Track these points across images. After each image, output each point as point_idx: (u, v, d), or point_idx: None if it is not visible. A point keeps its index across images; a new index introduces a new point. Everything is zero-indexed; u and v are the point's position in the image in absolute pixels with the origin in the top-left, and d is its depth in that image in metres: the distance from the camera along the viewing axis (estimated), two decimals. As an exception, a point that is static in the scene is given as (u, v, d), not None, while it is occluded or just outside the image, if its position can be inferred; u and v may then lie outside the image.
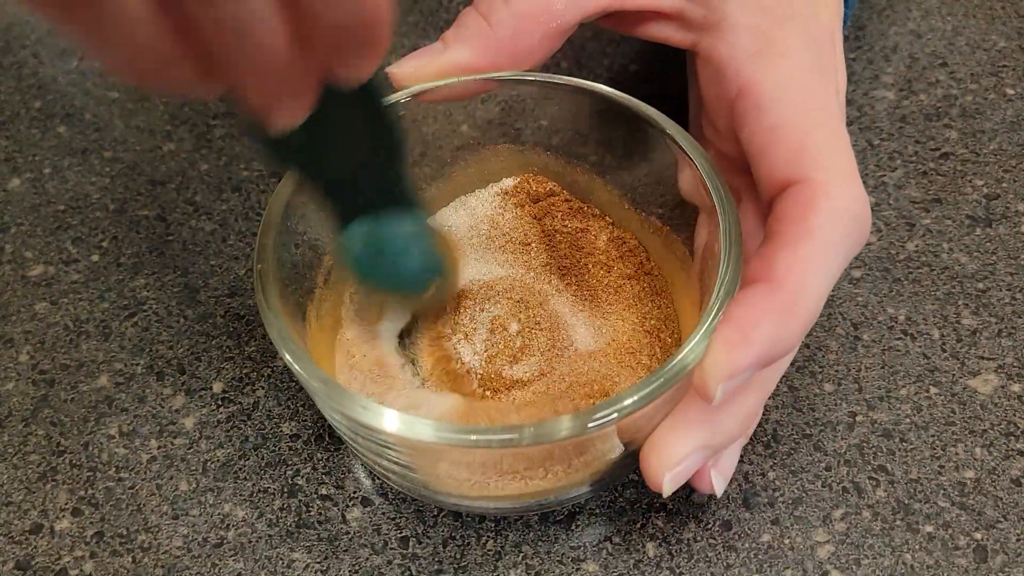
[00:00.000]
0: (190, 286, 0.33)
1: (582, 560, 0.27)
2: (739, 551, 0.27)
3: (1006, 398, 0.29)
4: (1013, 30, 0.40)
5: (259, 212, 0.35)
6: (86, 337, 0.32)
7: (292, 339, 0.23)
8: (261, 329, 0.32)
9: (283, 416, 0.30)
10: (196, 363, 0.31)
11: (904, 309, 0.32)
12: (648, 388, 0.22)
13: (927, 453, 0.28)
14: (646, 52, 0.40)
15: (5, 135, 0.39)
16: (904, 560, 0.26)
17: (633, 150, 0.29)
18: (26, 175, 0.37)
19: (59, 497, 0.29)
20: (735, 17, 0.26)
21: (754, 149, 0.25)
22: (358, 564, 0.27)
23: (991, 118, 0.37)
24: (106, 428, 0.30)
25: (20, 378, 0.31)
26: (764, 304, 0.22)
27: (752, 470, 0.28)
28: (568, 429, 0.21)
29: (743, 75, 0.25)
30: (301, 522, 0.28)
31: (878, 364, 0.30)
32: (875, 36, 0.40)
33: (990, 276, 0.32)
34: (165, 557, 0.27)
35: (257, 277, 0.24)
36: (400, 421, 0.22)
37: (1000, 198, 0.35)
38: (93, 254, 0.35)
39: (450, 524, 0.27)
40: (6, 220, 0.36)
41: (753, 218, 0.26)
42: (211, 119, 0.39)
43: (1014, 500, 0.27)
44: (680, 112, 0.31)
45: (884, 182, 0.35)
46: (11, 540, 0.28)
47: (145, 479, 0.29)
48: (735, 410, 0.24)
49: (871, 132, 0.37)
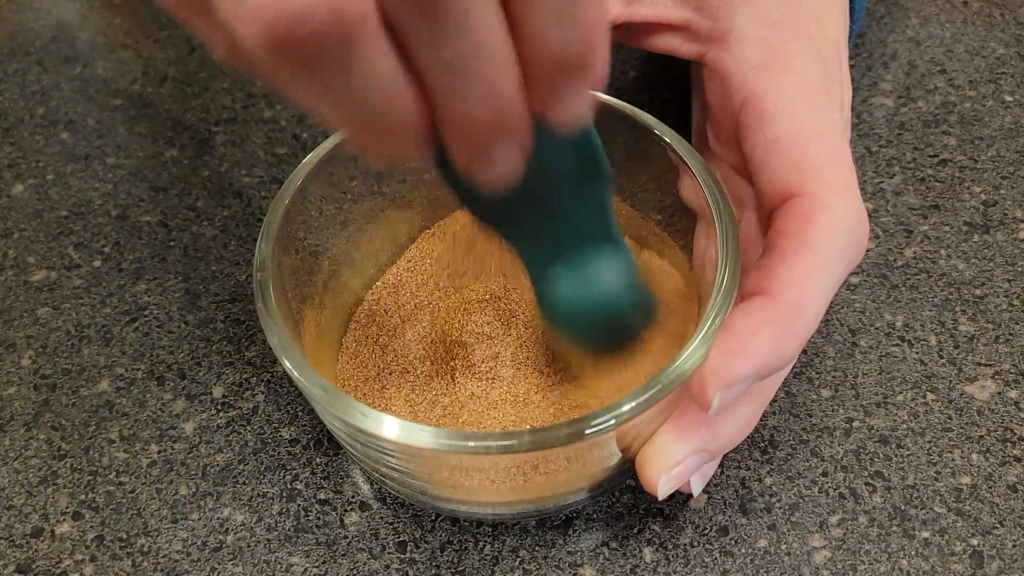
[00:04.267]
0: (191, 291, 0.34)
1: (579, 565, 0.27)
2: (736, 556, 0.27)
3: (1003, 404, 0.29)
4: (1012, 37, 0.40)
5: (260, 218, 0.36)
6: (87, 342, 0.32)
7: (292, 346, 0.23)
8: (261, 334, 0.32)
9: (282, 421, 0.30)
10: (196, 368, 0.31)
11: (901, 315, 0.32)
12: (646, 394, 0.22)
13: (924, 459, 0.28)
14: (645, 59, 0.40)
15: (9, 141, 0.39)
16: (900, 566, 0.26)
17: (632, 158, 0.29)
18: (29, 181, 0.38)
19: (60, 501, 0.29)
20: (742, 29, 0.26)
21: (756, 160, 0.25)
22: (356, 568, 0.27)
23: (989, 125, 0.37)
24: (107, 432, 0.30)
25: (22, 382, 0.31)
26: (763, 316, 0.22)
27: (749, 475, 0.28)
28: (566, 435, 0.21)
29: (748, 87, 0.25)
30: (300, 526, 0.28)
31: (875, 370, 0.30)
32: (874, 43, 0.40)
33: (987, 283, 0.32)
34: (164, 561, 0.27)
35: (257, 285, 0.24)
36: (399, 428, 0.22)
37: (998, 205, 0.35)
38: (95, 259, 0.35)
39: (448, 529, 0.28)
40: (9, 225, 0.36)
41: (755, 227, 0.26)
42: (213, 125, 0.39)
43: (1010, 506, 0.27)
44: (679, 119, 0.31)
45: (882, 188, 0.35)
46: (12, 544, 0.28)
47: (145, 483, 0.29)
48: (733, 416, 0.24)
49: (869, 139, 0.37)
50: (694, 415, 0.23)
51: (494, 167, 0.17)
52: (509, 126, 0.16)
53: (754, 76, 0.25)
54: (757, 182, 0.25)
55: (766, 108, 0.25)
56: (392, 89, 0.15)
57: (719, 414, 0.23)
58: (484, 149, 0.17)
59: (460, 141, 0.17)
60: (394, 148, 0.16)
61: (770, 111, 0.25)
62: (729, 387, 0.21)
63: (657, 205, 0.29)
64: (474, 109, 0.16)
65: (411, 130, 0.16)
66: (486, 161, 0.17)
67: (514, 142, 0.17)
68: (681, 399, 0.23)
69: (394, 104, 0.15)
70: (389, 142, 0.16)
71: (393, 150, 0.16)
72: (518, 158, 0.17)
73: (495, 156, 0.17)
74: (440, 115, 0.16)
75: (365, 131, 0.16)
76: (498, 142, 0.17)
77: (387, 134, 0.16)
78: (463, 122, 0.16)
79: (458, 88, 0.15)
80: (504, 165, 0.17)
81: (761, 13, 0.26)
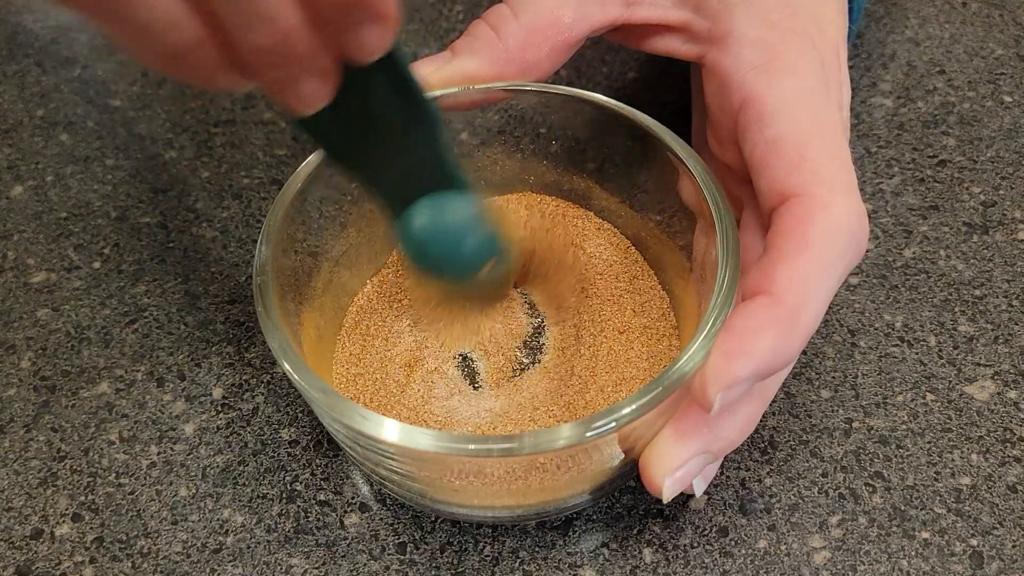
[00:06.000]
0: (191, 293, 0.34)
1: (579, 566, 0.27)
2: (735, 557, 0.27)
3: (1002, 405, 0.30)
4: (1011, 38, 0.40)
5: (260, 219, 0.36)
6: (87, 343, 0.32)
7: (292, 350, 0.23)
8: (261, 336, 0.32)
9: (282, 422, 0.30)
10: (196, 369, 0.31)
11: (901, 316, 0.32)
12: (647, 396, 0.22)
13: (923, 459, 0.28)
14: (644, 60, 0.40)
15: (8, 143, 0.39)
16: (900, 566, 0.26)
17: (631, 159, 0.29)
18: (29, 183, 0.38)
19: (59, 503, 0.29)
20: (741, 30, 0.26)
21: (755, 161, 0.25)
22: (356, 570, 0.27)
23: (988, 125, 0.37)
24: (106, 434, 0.30)
25: (22, 384, 0.31)
26: (764, 316, 0.22)
27: (749, 476, 0.28)
28: (567, 438, 0.21)
29: (747, 88, 0.25)
30: (299, 528, 0.28)
31: (875, 371, 0.30)
32: (873, 44, 0.40)
33: (987, 283, 0.32)
34: (164, 562, 0.27)
35: (257, 289, 0.24)
36: (399, 431, 0.22)
37: (997, 205, 0.35)
38: (94, 261, 0.35)
39: (447, 530, 0.28)
40: (9, 227, 0.36)
41: (755, 228, 0.26)
42: (212, 127, 0.39)
43: (1010, 506, 0.27)
44: (678, 119, 0.31)
45: (881, 189, 0.35)
46: (12, 545, 0.28)
47: (145, 485, 0.29)
48: (735, 417, 0.24)
49: (869, 139, 0.37)
50: (695, 416, 0.23)
51: (295, 93, 0.19)
52: (298, 57, 0.18)
53: (753, 77, 0.25)
54: (757, 183, 0.25)
55: (765, 109, 0.25)
56: (172, 16, 0.16)
57: (720, 415, 0.23)
58: (281, 77, 0.19)
59: (257, 70, 0.18)
60: (193, 72, 0.18)
61: (769, 112, 0.25)
62: (730, 388, 0.22)
63: (656, 206, 0.29)
64: (259, 40, 0.17)
65: (201, 55, 0.17)
66: (287, 89, 0.19)
67: (309, 72, 0.19)
68: (682, 401, 0.23)
69: (179, 31, 0.17)
70: (185, 66, 0.18)
71: (194, 74, 0.18)
72: (316, 87, 0.19)
73: (293, 84, 0.19)
74: (235, 48, 0.18)
75: (158, 55, 0.17)
76: (292, 71, 0.19)
77: (179, 58, 0.17)
78: (254, 53, 0.18)
79: (239, 22, 0.17)
80: (304, 92, 0.19)
81: (760, 14, 0.26)
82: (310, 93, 0.19)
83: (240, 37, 0.17)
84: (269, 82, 0.19)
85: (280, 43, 0.18)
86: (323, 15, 0.18)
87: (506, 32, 0.27)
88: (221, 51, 0.18)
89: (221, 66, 0.18)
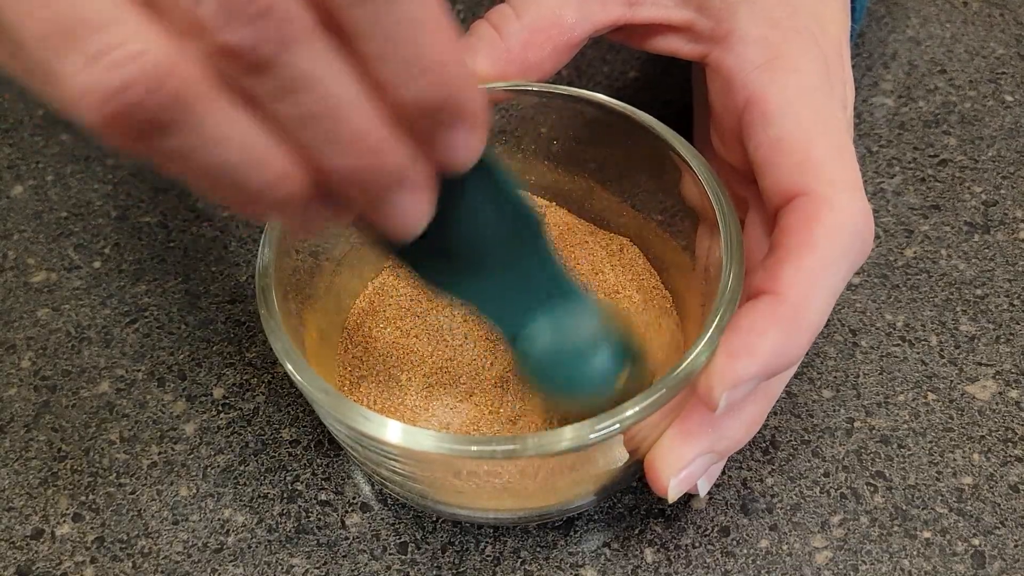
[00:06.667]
0: (191, 292, 0.33)
1: (580, 566, 0.27)
2: (737, 557, 0.27)
3: (1004, 404, 0.30)
4: (1012, 37, 0.40)
5: (260, 218, 0.36)
6: (88, 343, 0.32)
7: (295, 351, 0.23)
8: (262, 335, 0.32)
9: (283, 422, 0.30)
10: (197, 369, 0.31)
11: (902, 315, 0.32)
12: (651, 398, 0.22)
13: (925, 459, 0.28)
14: (645, 59, 0.40)
15: (8, 143, 0.39)
16: (902, 566, 0.26)
17: (633, 158, 0.29)
18: (29, 182, 0.37)
19: (60, 502, 0.29)
20: (744, 29, 0.26)
21: (760, 160, 0.25)
22: (357, 570, 0.27)
23: (989, 125, 0.37)
24: (107, 434, 0.30)
25: (22, 384, 0.31)
26: (769, 316, 0.22)
27: (750, 476, 0.28)
28: (571, 440, 0.21)
29: (751, 87, 0.25)
30: (300, 528, 0.28)
31: (876, 370, 0.30)
32: (874, 43, 0.40)
33: (988, 283, 0.32)
34: (165, 562, 0.27)
35: (260, 291, 0.24)
36: (402, 432, 0.22)
37: (998, 204, 0.35)
38: (95, 260, 0.35)
39: (449, 530, 0.28)
40: (9, 227, 0.36)
41: (759, 228, 0.26)
42: (212, 125, 0.39)
43: (1012, 506, 0.27)
44: (680, 119, 0.31)
45: (883, 189, 0.35)
46: (12, 545, 0.28)
47: (146, 484, 0.29)
48: (740, 417, 0.24)
49: (870, 139, 0.37)
50: (701, 416, 0.23)
51: (393, 214, 0.17)
52: (391, 173, 0.16)
53: (757, 76, 0.25)
54: (761, 182, 0.25)
55: (769, 108, 0.25)
56: (253, 149, 0.15)
57: (725, 414, 0.23)
58: (375, 198, 0.17)
59: (348, 194, 0.17)
60: (280, 210, 0.16)
61: (773, 111, 0.25)
62: (736, 387, 0.21)
63: (658, 206, 0.29)
64: (345, 161, 0.16)
65: (289, 188, 0.16)
66: (383, 210, 0.17)
67: (404, 188, 0.17)
68: (687, 401, 0.23)
69: (261, 165, 0.15)
70: (268, 204, 0.16)
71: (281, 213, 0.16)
72: (415, 203, 0.17)
73: (391, 203, 0.17)
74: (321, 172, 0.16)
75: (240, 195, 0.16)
76: (385, 189, 0.17)
77: (262, 196, 0.16)
78: (341, 174, 0.16)
79: (321, 143, 0.15)
80: (403, 211, 0.17)
81: (763, 13, 0.26)
82: (410, 211, 0.17)
83: (328, 161, 0.16)
84: (365, 207, 0.17)
85: (372, 161, 0.16)
86: (411, 123, 0.16)
87: (508, 32, 0.27)
88: (308, 184, 0.16)
89: (310, 200, 0.16)
